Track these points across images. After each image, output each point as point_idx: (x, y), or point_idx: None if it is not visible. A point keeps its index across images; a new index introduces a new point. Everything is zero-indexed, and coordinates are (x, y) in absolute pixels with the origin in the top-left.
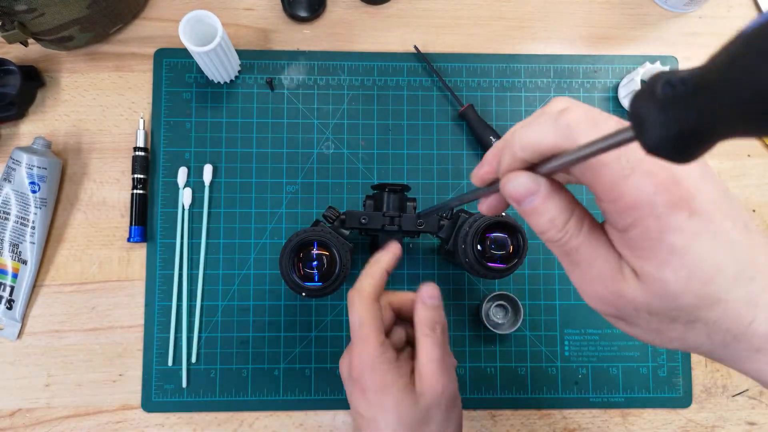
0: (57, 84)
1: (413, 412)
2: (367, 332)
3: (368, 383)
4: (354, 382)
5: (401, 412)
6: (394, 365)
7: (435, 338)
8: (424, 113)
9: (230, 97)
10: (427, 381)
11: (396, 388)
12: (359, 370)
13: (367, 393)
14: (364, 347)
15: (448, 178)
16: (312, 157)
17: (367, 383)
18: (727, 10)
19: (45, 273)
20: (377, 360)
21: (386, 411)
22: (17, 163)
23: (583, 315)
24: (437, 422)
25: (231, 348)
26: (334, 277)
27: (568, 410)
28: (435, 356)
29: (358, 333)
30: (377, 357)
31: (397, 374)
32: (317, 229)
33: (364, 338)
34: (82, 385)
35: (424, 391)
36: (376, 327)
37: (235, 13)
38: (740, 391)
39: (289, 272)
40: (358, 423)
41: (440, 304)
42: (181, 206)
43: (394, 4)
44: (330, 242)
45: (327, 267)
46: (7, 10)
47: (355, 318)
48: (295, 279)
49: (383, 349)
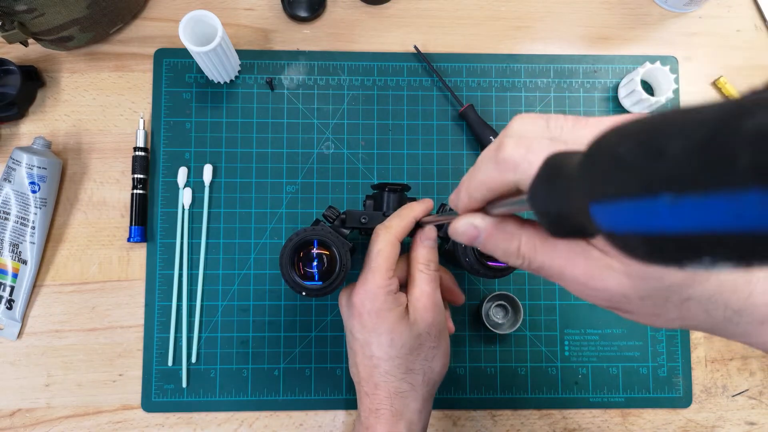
0: (57, 84)
1: (405, 338)
2: (381, 263)
3: (367, 308)
4: (352, 306)
5: (394, 337)
6: (392, 297)
7: (429, 274)
8: (424, 113)
9: (230, 97)
10: (420, 312)
11: (391, 315)
12: (361, 297)
13: (363, 317)
14: (373, 276)
15: (448, 178)
16: (312, 157)
17: (366, 308)
18: (727, 10)
19: (45, 273)
20: (379, 290)
21: (380, 334)
22: (17, 163)
23: (583, 315)
24: (426, 348)
25: (231, 348)
26: (334, 276)
27: (568, 410)
28: (428, 290)
29: (373, 262)
30: (380, 288)
31: (394, 303)
32: (317, 229)
33: (375, 269)
34: (82, 385)
35: (416, 320)
36: (389, 263)
37: (235, 13)
38: (740, 391)
39: (289, 271)
40: (351, 345)
41: (435, 245)
42: (181, 206)
43: (394, 4)
44: (330, 241)
45: (327, 266)
46: (7, 10)
47: (374, 248)
48: (295, 278)
49: (389, 282)
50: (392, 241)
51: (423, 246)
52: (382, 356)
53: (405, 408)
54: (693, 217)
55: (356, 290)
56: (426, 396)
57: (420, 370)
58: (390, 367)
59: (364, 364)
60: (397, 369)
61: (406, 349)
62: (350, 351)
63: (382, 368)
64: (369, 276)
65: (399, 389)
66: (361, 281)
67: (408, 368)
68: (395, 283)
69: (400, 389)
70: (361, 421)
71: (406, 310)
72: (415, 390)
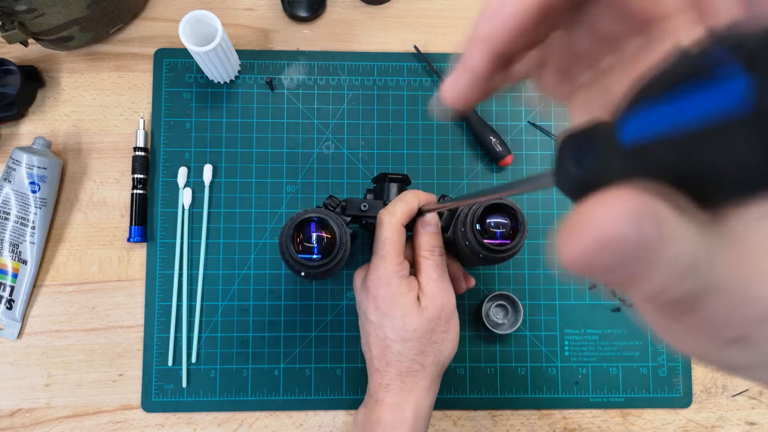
0: (57, 84)
1: (417, 322)
2: (389, 250)
3: (381, 293)
4: (367, 290)
5: (407, 321)
6: (405, 281)
7: (434, 260)
8: (424, 113)
9: (230, 97)
10: (430, 298)
11: (405, 300)
12: (375, 282)
13: (378, 300)
14: (383, 263)
15: (448, 178)
16: (312, 157)
17: (380, 293)
18: None
19: (45, 273)
20: (393, 275)
21: (393, 318)
22: (17, 163)
23: (583, 315)
24: (438, 332)
25: (231, 348)
26: (334, 253)
27: (568, 410)
28: (434, 276)
29: (381, 250)
30: (393, 273)
31: (407, 289)
32: (317, 209)
33: (384, 256)
34: (82, 385)
35: (427, 305)
36: (398, 247)
37: (235, 13)
38: (740, 391)
39: (288, 248)
40: (364, 326)
41: (437, 230)
42: (181, 206)
43: (394, 4)
44: (329, 218)
45: (327, 244)
46: (7, 10)
47: (380, 235)
48: (294, 255)
49: (400, 267)
50: (395, 226)
51: (425, 233)
52: (395, 339)
53: (414, 385)
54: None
55: (369, 276)
56: (434, 375)
57: (430, 352)
58: (402, 348)
59: (377, 344)
60: (409, 350)
61: (419, 333)
62: (363, 330)
63: (394, 349)
64: (380, 262)
65: (410, 368)
66: (372, 267)
67: (419, 350)
68: (406, 266)
69: (411, 368)
70: (371, 395)
71: (418, 295)
72: (425, 369)
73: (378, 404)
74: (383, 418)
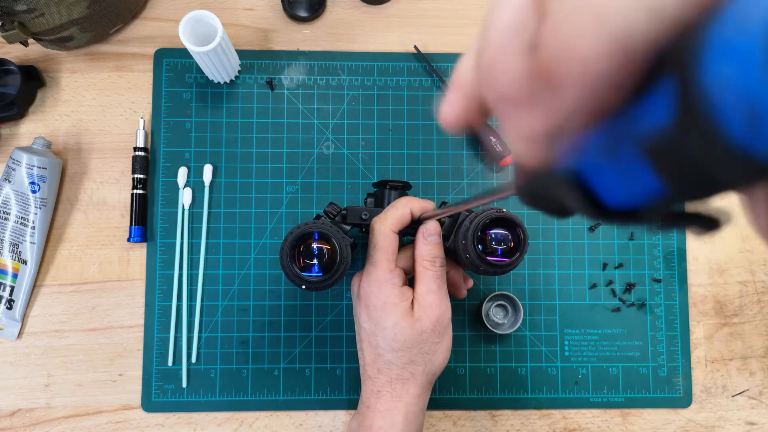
0: (57, 84)
1: (408, 333)
2: (380, 257)
3: (372, 301)
4: (360, 298)
5: (397, 332)
6: (398, 290)
7: (434, 271)
8: (424, 113)
9: (230, 97)
10: (425, 309)
11: (396, 310)
12: (366, 290)
13: (369, 309)
14: (374, 270)
15: (448, 178)
16: (312, 157)
17: (371, 301)
18: None
19: (45, 273)
20: (384, 284)
21: (384, 328)
22: (17, 163)
23: (583, 315)
24: (429, 343)
25: (231, 348)
26: (335, 268)
27: (568, 410)
28: (433, 287)
29: (373, 257)
30: (385, 281)
31: (399, 298)
32: (318, 222)
33: (376, 263)
34: (82, 385)
35: (421, 317)
36: (388, 254)
37: (235, 13)
38: (740, 391)
39: (289, 263)
40: (358, 332)
41: (439, 240)
42: (181, 206)
43: (394, 4)
44: (330, 233)
45: (327, 259)
46: (7, 10)
47: (372, 242)
48: (296, 270)
49: (391, 275)
50: (387, 233)
51: (427, 243)
52: (386, 348)
53: (405, 392)
54: None
55: (362, 283)
56: (425, 384)
57: (421, 362)
58: (393, 357)
59: (369, 351)
60: (399, 360)
61: (409, 344)
62: (357, 336)
63: (385, 357)
64: (371, 269)
65: (400, 376)
66: (365, 274)
67: (410, 360)
68: (399, 275)
69: (401, 376)
70: (363, 401)
71: (412, 306)
72: (415, 378)
73: (370, 410)
74: (374, 424)
